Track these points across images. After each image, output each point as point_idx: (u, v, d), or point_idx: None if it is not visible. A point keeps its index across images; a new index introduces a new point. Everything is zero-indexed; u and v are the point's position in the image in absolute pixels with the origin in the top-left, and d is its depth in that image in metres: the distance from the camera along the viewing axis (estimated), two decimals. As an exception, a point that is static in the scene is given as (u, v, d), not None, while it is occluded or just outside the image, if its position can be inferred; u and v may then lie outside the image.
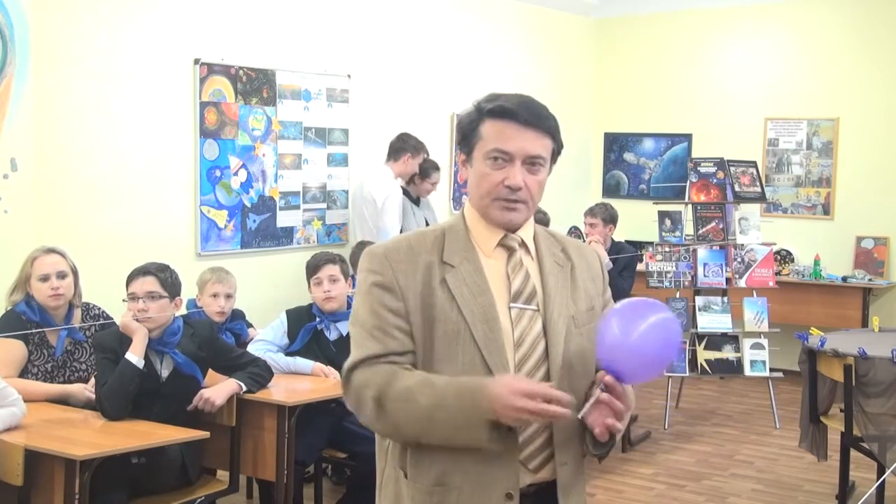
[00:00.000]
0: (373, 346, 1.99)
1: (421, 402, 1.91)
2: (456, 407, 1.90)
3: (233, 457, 3.99)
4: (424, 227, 2.18)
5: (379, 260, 2.03)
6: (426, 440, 1.96)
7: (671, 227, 6.88)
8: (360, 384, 1.98)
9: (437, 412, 1.91)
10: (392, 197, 6.12)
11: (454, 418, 1.90)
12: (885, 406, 4.29)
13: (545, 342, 2.02)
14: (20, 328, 3.90)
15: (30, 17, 4.62)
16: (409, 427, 1.95)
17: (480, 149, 2.03)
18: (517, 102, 2.02)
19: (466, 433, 1.90)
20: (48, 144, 4.83)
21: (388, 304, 1.99)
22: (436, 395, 1.92)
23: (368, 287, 2.02)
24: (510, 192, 2.00)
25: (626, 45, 8.77)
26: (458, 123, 2.11)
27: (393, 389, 1.94)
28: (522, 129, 2.00)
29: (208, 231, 5.64)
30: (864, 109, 7.69)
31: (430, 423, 1.92)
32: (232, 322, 4.75)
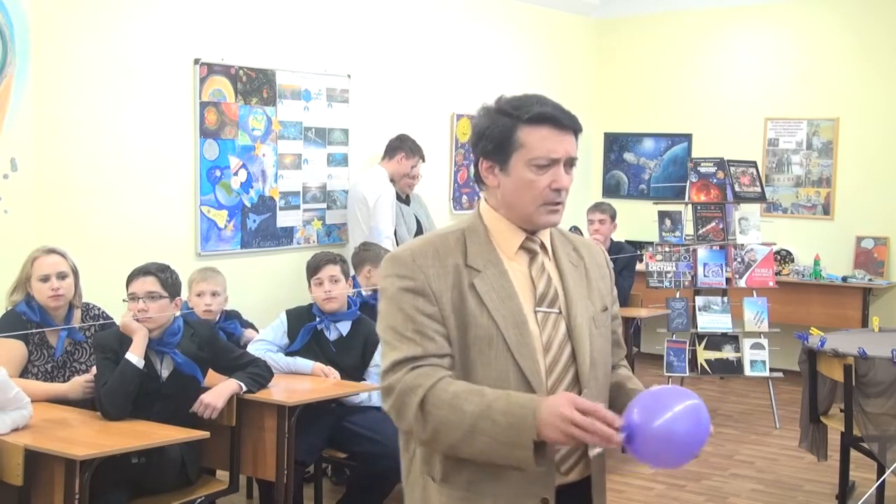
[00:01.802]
0: (412, 348, 1.95)
1: (466, 410, 1.87)
2: (503, 422, 1.85)
3: (233, 457, 3.99)
4: (442, 229, 2.13)
5: (408, 265, 1.99)
6: (465, 452, 1.91)
7: (671, 227, 6.89)
8: (404, 387, 1.93)
9: (482, 423, 1.86)
10: (384, 197, 6.09)
11: (499, 433, 1.85)
12: (885, 406, 4.29)
13: (571, 345, 2.03)
14: (20, 328, 3.89)
15: (30, 17, 4.62)
16: (450, 435, 1.89)
17: (522, 156, 2.01)
18: (553, 106, 2.03)
19: (509, 451, 1.85)
20: (48, 144, 4.83)
21: (424, 309, 1.96)
22: (484, 404, 1.87)
23: (399, 292, 1.98)
24: (557, 194, 2.02)
25: (626, 45, 8.77)
26: (485, 132, 2.05)
27: (439, 394, 1.90)
28: (563, 133, 2.02)
29: (208, 231, 5.64)
30: (864, 109, 7.69)
31: (472, 434, 1.87)
32: (225, 321, 4.75)
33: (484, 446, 1.87)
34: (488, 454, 1.88)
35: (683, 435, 1.86)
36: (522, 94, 2.08)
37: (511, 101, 2.05)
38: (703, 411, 1.91)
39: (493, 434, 1.85)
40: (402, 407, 1.94)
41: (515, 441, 1.84)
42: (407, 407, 1.92)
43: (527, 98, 2.05)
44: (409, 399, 1.92)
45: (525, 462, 1.85)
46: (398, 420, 1.96)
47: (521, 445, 1.83)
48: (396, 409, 1.95)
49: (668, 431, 1.84)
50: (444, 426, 1.89)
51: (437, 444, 1.93)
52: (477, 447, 1.88)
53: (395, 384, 1.94)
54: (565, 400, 1.83)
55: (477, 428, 1.86)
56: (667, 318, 6.66)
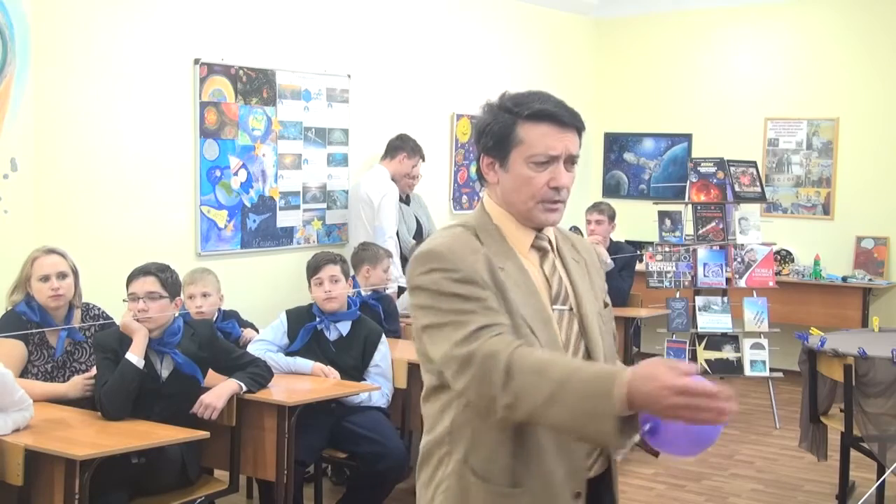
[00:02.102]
0: (482, 318, 1.89)
1: (551, 375, 1.79)
2: (584, 390, 1.76)
3: (233, 457, 3.99)
4: (450, 229, 2.07)
5: (447, 257, 1.95)
6: (546, 419, 1.81)
7: (671, 227, 6.88)
8: (487, 352, 1.84)
9: (566, 389, 1.77)
10: (388, 196, 6.11)
11: (582, 401, 1.75)
12: (885, 406, 4.29)
13: (584, 342, 2.04)
14: (20, 328, 3.89)
15: (30, 17, 4.62)
16: (532, 400, 1.79)
17: (521, 153, 2.00)
18: (554, 103, 2.02)
19: (589, 422, 1.75)
20: (48, 144, 4.83)
21: (478, 294, 1.92)
22: (569, 370, 1.80)
23: (446, 283, 1.92)
24: (556, 192, 2.01)
25: (626, 45, 8.77)
26: (486, 128, 2.05)
27: (524, 358, 1.83)
28: (564, 130, 2.01)
29: (208, 231, 5.64)
30: (864, 109, 7.69)
31: (554, 400, 1.77)
32: (223, 321, 4.75)
33: (565, 415, 1.77)
34: (569, 425, 1.79)
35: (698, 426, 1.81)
36: (527, 90, 2.06)
37: (513, 97, 2.04)
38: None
39: (573, 403, 1.76)
40: (485, 373, 1.84)
41: (596, 411, 1.73)
42: (491, 372, 1.83)
43: (529, 95, 2.04)
44: (492, 363, 1.83)
45: (606, 436, 1.75)
46: (479, 387, 1.85)
47: (602, 416, 1.73)
48: (479, 377, 1.85)
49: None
50: (528, 391, 1.80)
51: (518, 409, 1.82)
52: (558, 416, 1.78)
53: (476, 351, 1.86)
54: (665, 368, 1.71)
55: (559, 395, 1.77)
56: (667, 318, 6.66)
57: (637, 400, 1.71)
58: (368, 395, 4.45)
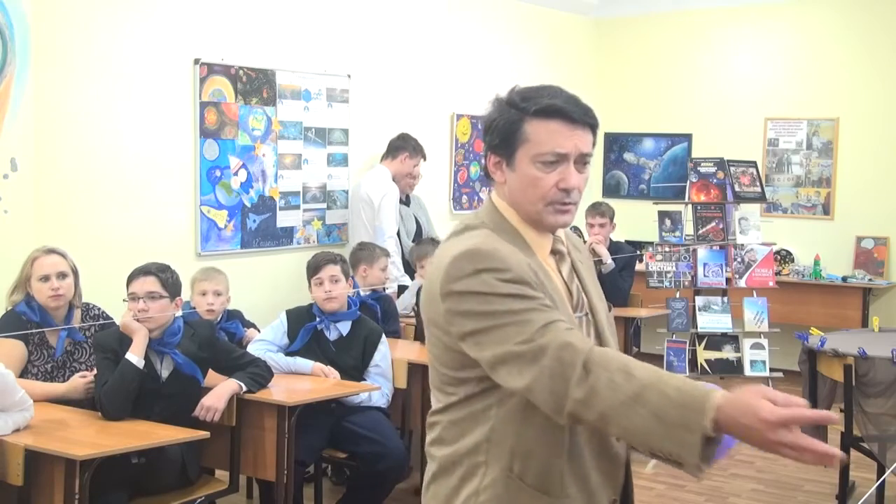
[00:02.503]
0: (545, 315, 1.76)
1: (638, 375, 1.65)
2: (675, 397, 1.61)
3: (233, 457, 3.99)
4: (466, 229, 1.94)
5: (494, 256, 1.81)
6: (620, 423, 1.66)
7: (671, 227, 6.88)
8: (562, 343, 1.71)
9: (650, 393, 1.63)
10: (388, 196, 6.11)
11: (667, 409, 1.61)
12: (885, 406, 4.29)
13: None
14: (20, 328, 3.89)
15: (30, 17, 4.62)
16: (610, 398, 1.65)
17: (527, 151, 1.88)
18: (565, 99, 1.88)
19: (673, 432, 1.60)
20: (48, 144, 4.83)
21: (534, 294, 1.79)
22: (658, 374, 1.66)
23: (499, 283, 1.78)
24: (565, 194, 1.88)
25: (626, 45, 8.77)
26: (492, 125, 1.92)
27: (606, 354, 1.71)
28: (574, 128, 1.87)
29: (208, 231, 5.64)
30: (864, 109, 7.69)
31: (636, 402, 1.63)
32: (227, 322, 4.76)
33: (643, 420, 1.63)
34: (645, 432, 1.63)
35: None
36: (538, 85, 1.94)
37: (522, 91, 1.92)
38: None
39: (659, 408, 1.61)
40: (560, 365, 1.70)
41: (684, 422, 1.59)
42: (567, 364, 1.69)
43: (539, 89, 1.91)
44: (568, 356, 1.70)
45: (689, 450, 1.59)
46: (551, 381, 1.71)
47: (689, 428, 1.59)
48: (550, 369, 1.71)
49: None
50: (607, 387, 1.66)
51: (589, 407, 1.67)
52: (635, 420, 1.63)
53: (548, 344, 1.71)
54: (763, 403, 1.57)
55: (642, 397, 1.63)
56: (667, 318, 6.66)
57: (730, 427, 1.60)
58: (368, 395, 4.45)
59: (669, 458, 1.63)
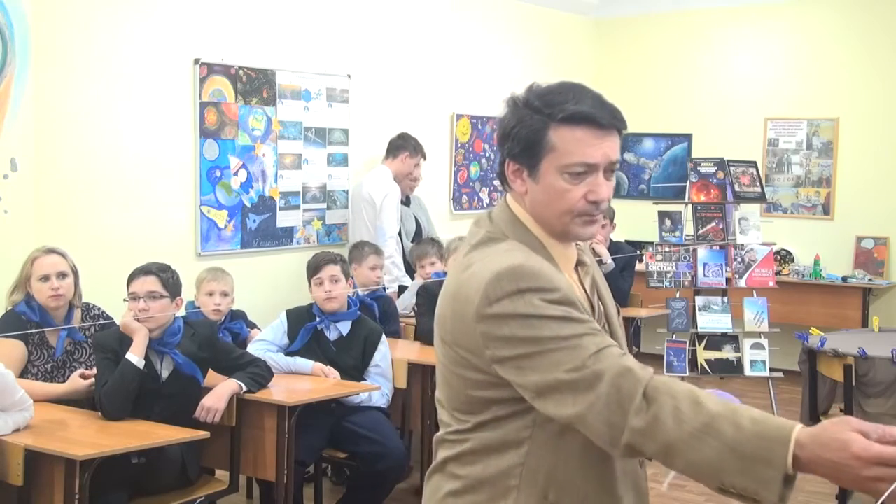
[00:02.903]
0: (598, 340, 1.65)
1: (705, 404, 1.56)
2: (751, 429, 1.51)
3: (233, 457, 3.99)
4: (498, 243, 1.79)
5: (541, 276, 1.69)
6: (684, 457, 1.56)
7: (671, 227, 6.88)
8: (620, 370, 1.61)
9: (722, 423, 1.53)
10: (390, 196, 6.12)
11: (742, 441, 1.51)
12: (885, 406, 4.29)
13: None
14: (20, 328, 3.89)
15: (30, 17, 4.62)
16: (675, 430, 1.55)
17: (553, 161, 1.73)
18: (591, 103, 1.74)
19: (749, 466, 1.50)
20: (48, 144, 4.83)
21: (581, 317, 1.69)
22: (730, 407, 1.56)
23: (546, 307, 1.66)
24: (595, 206, 1.75)
25: (626, 45, 8.77)
26: (512, 131, 1.77)
27: (670, 381, 1.61)
28: (603, 135, 1.74)
29: (208, 231, 5.64)
30: (864, 109, 7.69)
31: (706, 433, 1.53)
32: (231, 322, 4.76)
33: (715, 453, 1.52)
34: (717, 466, 1.52)
35: None
36: (558, 84, 1.78)
37: (543, 94, 1.76)
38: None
39: (733, 440, 1.51)
40: (618, 393, 1.59)
41: (763, 456, 1.49)
42: (626, 392, 1.59)
43: (562, 91, 1.75)
44: (628, 384, 1.59)
45: (770, 486, 1.48)
46: (607, 409, 1.60)
47: (770, 463, 1.48)
48: (607, 396, 1.60)
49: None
50: (672, 417, 1.55)
51: (649, 438, 1.57)
52: (705, 452, 1.53)
53: (605, 370, 1.61)
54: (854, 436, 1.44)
55: (713, 428, 1.52)
56: (667, 318, 6.66)
57: (813, 464, 1.48)
58: (368, 395, 4.45)
59: (743, 493, 1.52)
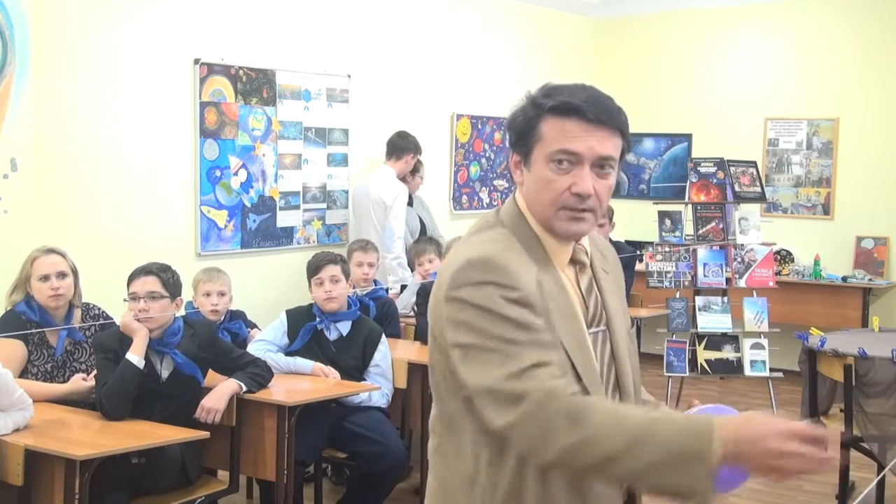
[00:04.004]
0: (538, 354, 1.66)
1: (634, 415, 1.62)
2: (684, 425, 1.58)
3: (233, 457, 3.99)
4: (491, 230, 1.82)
5: (506, 272, 1.70)
6: (622, 467, 1.59)
7: (671, 227, 6.88)
8: (546, 391, 1.63)
9: (657, 427, 1.58)
10: (401, 197, 6.16)
11: (675, 440, 1.56)
12: (885, 406, 4.29)
13: (615, 367, 1.84)
14: (20, 328, 3.89)
15: (30, 17, 4.62)
16: (608, 443, 1.58)
17: (541, 150, 1.75)
18: (584, 97, 1.76)
19: (683, 466, 1.55)
20: (48, 144, 4.83)
21: (534, 322, 1.69)
22: (652, 414, 1.63)
23: (501, 302, 1.68)
24: (579, 200, 1.73)
25: (626, 45, 8.77)
26: (512, 121, 1.81)
27: (592, 401, 1.65)
28: (591, 127, 1.74)
29: (208, 231, 5.64)
30: (864, 109, 7.69)
31: (641, 441, 1.57)
32: (230, 322, 4.76)
33: (651, 457, 1.56)
34: (654, 469, 1.57)
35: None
36: (570, 83, 1.81)
37: (547, 89, 1.79)
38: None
39: (667, 441, 1.56)
40: (542, 413, 1.62)
41: (694, 451, 1.54)
42: (550, 413, 1.62)
43: (564, 87, 1.79)
44: (552, 405, 1.62)
45: (700, 480, 1.55)
46: (531, 428, 1.63)
47: (700, 459, 1.54)
48: (531, 415, 1.63)
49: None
50: (603, 432, 1.59)
51: (582, 454, 1.61)
52: (643, 458, 1.57)
53: (530, 390, 1.63)
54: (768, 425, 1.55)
55: (645, 434, 1.57)
56: (667, 318, 6.66)
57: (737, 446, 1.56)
58: (368, 395, 4.45)
59: (678, 491, 1.57)
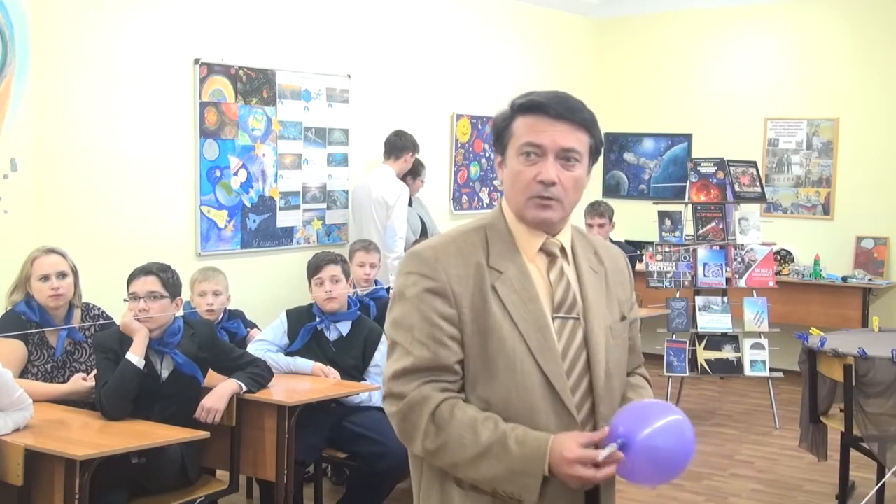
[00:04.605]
0: (424, 353, 1.91)
1: (482, 433, 1.87)
2: (517, 451, 1.85)
3: (233, 457, 3.99)
4: (465, 225, 2.06)
5: (430, 263, 1.94)
6: (466, 473, 1.89)
7: (671, 227, 6.88)
8: (417, 397, 1.90)
9: (496, 448, 1.85)
10: (403, 197, 6.17)
11: (511, 461, 1.84)
12: (885, 406, 4.29)
13: (586, 354, 1.98)
14: (20, 328, 3.89)
15: (30, 17, 4.62)
16: (459, 453, 1.88)
17: (513, 146, 1.97)
18: (548, 96, 1.97)
19: (516, 478, 1.84)
20: (48, 144, 4.83)
21: (442, 311, 1.92)
22: (500, 432, 1.87)
23: (420, 293, 1.92)
24: (543, 187, 1.93)
25: (626, 45, 8.77)
26: (493, 123, 2.05)
27: (456, 412, 1.89)
28: (554, 122, 1.94)
29: (208, 231, 5.64)
30: (864, 109, 7.69)
31: (483, 458, 1.86)
32: (228, 321, 4.76)
33: (491, 471, 1.86)
34: (493, 480, 1.87)
35: (667, 450, 1.84)
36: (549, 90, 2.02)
37: (523, 93, 2.01)
38: (688, 427, 1.89)
39: (505, 460, 1.84)
40: (410, 414, 1.91)
41: (526, 469, 1.84)
42: (417, 415, 1.90)
43: (536, 92, 2.00)
44: (420, 408, 1.89)
45: (529, 490, 1.84)
46: (403, 424, 1.93)
47: (530, 473, 1.83)
48: (403, 414, 1.92)
49: (651, 447, 1.82)
50: (456, 443, 1.87)
51: (440, 458, 1.91)
52: (482, 471, 1.87)
53: (406, 393, 1.91)
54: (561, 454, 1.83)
55: (490, 452, 1.85)
56: (667, 318, 6.66)
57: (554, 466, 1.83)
58: (368, 395, 4.45)
59: (511, 496, 1.87)
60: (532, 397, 1.91)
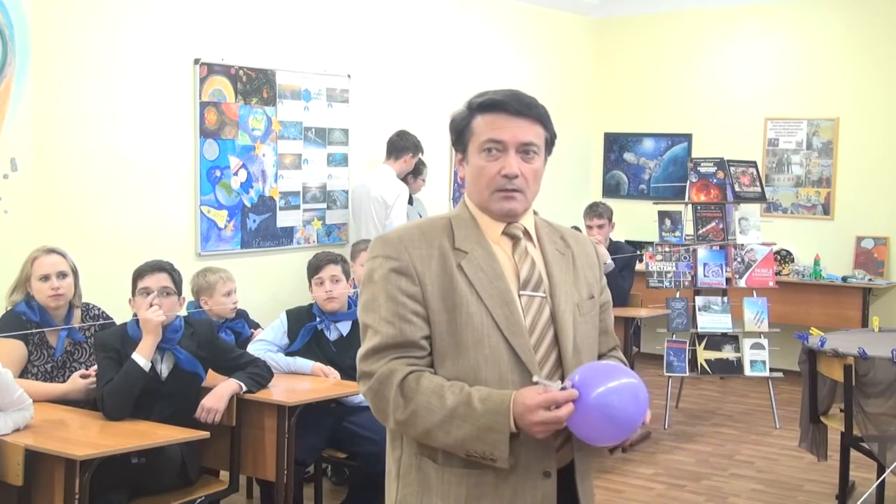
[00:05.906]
0: (390, 331, 1.99)
1: (447, 397, 1.93)
2: (481, 408, 1.91)
3: (233, 457, 3.99)
4: (430, 216, 2.21)
5: (394, 245, 2.03)
6: (439, 438, 1.95)
7: (671, 227, 6.88)
8: (385, 372, 1.97)
9: (462, 409, 1.91)
10: (402, 196, 6.17)
11: (477, 418, 1.90)
12: (885, 406, 4.29)
13: (554, 329, 2.05)
14: (20, 328, 3.89)
15: (30, 17, 4.62)
16: (428, 419, 1.94)
17: (474, 143, 2.07)
18: (505, 94, 2.06)
19: (485, 435, 1.90)
20: (48, 144, 4.83)
21: (406, 289, 2.00)
22: (464, 394, 1.93)
23: (385, 273, 2.01)
24: (507, 180, 2.03)
25: (626, 45, 8.77)
26: (452, 123, 2.15)
27: (422, 381, 1.96)
28: (513, 119, 2.03)
29: (208, 231, 5.65)
30: (864, 109, 7.69)
31: (451, 419, 1.92)
32: (233, 321, 4.77)
33: (461, 432, 1.91)
34: (463, 440, 1.92)
35: (620, 410, 1.90)
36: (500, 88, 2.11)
37: (478, 93, 2.10)
38: (642, 391, 1.97)
39: (471, 419, 1.90)
40: (380, 388, 1.98)
41: (492, 425, 1.89)
42: (386, 388, 1.97)
43: (491, 90, 2.09)
44: (388, 381, 1.97)
45: (498, 446, 1.89)
46: (375, 400, 2.00)
47: (497, 429, 1.88)
48: (374, 391, 1.99)
49: (605, 404, 1.89)
50: (424, 409, 1.93)
51: (412, 426, 1.97)
52: (452, 434, 1.92)
53: (375, 370, 1.98)
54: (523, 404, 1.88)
55: (456, 413, 1.91)
56: (667, 318, 6.66)
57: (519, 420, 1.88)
58: (368, 395, 4.44)
59: (483, 456, 1.92)
60: (500, 370, 1.98)
